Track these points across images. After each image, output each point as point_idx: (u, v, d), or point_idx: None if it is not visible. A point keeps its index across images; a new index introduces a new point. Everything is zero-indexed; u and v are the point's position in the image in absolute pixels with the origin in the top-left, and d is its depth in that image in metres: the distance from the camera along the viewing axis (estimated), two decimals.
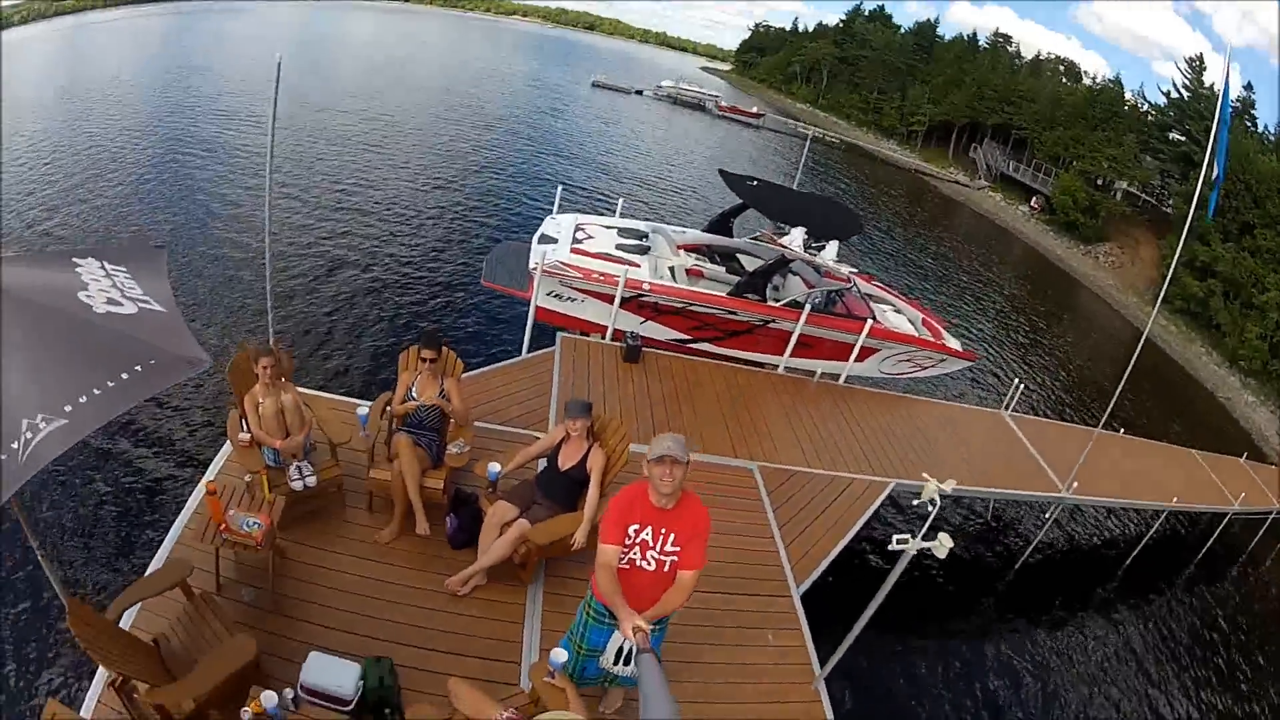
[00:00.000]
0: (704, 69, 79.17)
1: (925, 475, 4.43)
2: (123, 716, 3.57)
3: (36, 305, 2.90)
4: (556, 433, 5.48)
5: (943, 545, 4.33)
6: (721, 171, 10.67)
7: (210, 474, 5.56)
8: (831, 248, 9.68)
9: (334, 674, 4.24)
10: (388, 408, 5.87)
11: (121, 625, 4.19)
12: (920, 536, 4.48)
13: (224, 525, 4.60)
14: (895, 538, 4.45)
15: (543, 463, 5.62)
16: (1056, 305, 26.00)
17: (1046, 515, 9.35)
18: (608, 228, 9.74)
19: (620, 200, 11.07)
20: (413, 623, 4.96)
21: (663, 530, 3.60)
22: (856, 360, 9.27)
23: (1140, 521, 11.10)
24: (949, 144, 50.83)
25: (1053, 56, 52.29)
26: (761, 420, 8.25)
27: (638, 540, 3.59)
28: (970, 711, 7.35)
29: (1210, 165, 7.88)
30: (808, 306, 8.84)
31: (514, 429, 7.05)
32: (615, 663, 4.02)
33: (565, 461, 5.38)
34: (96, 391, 2.78)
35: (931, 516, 4.44)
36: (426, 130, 24.99)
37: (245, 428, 5.33)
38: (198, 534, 4.69)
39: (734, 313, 8.84)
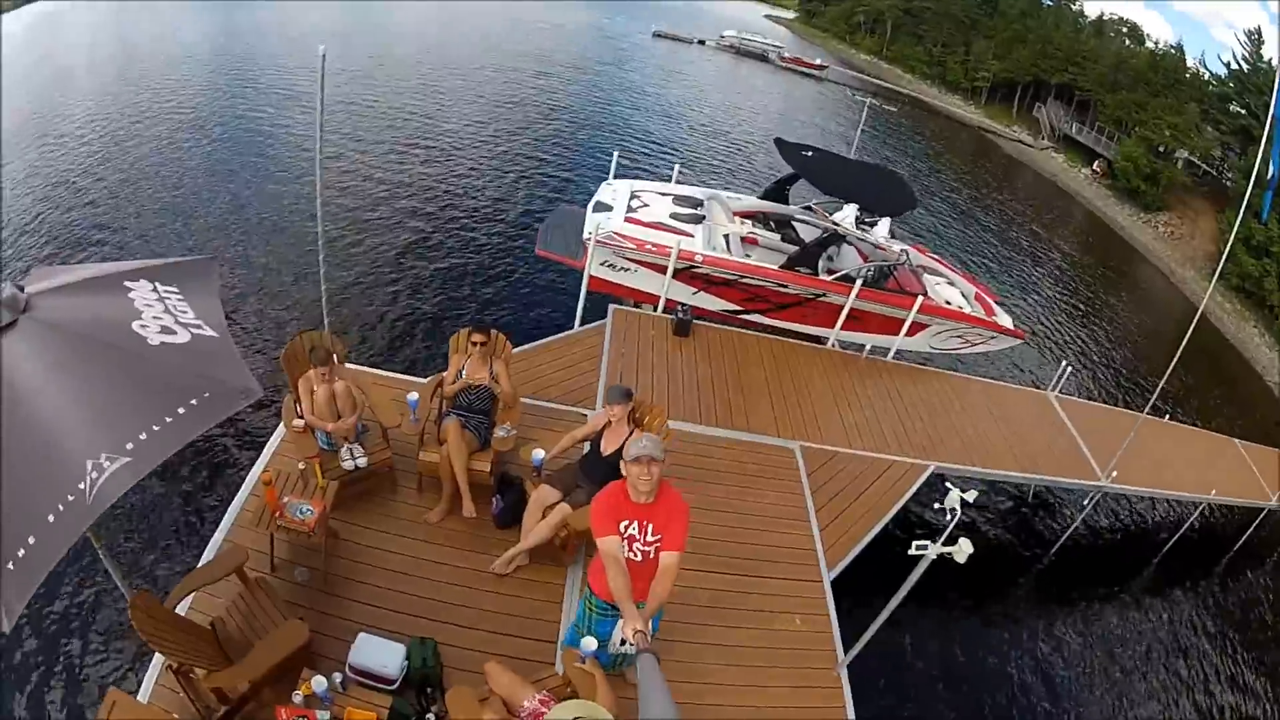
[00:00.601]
0: (768, 17, 76.85)
1: (946, 484, 4.52)
2: (181, 699, 3.99)
3: (92, 341, 3.15)
4: (599, 418, 5.72)
5: (962, 551, 4.45)
6: (778, 141, 10.51)
7: (264, 459, 5.98)
8: (884, 224, 9.66)
9: (380, 655, 4.64)
10: (438, 390, 6.18)
11: (180, 611, 4.64)
12: (940, 541, 4.60)
13: (279, 512, 4.98)
14: (915, 544, 4.57)
15: (587, 447, 5.83)
16: (1113, 275, 25.17)
17: (1085, 502, 9.38)
18: (663, 195, 9.80)
19: (676, 166, 10.97)
20: (457, 602, 5.31)
21: (648, 524, 3.88)
22: (907, 335, 9.28)
23: (1178, 511, 10.91)
24: (1013, 102, 50.22)
25: (1116, 18, 50.50)
26: (807, 398, 8.33)
27: (626, 535, 3.86)
28: (998, 698, 7.49)
29: (1265, 160, 7.42)
30: (858, 281, 8.83)
31: (562, 406, 7.29)
32: (622, 644, 4.31)
33: (607, 446, 5.59)
34: (156, 428, 3.01)
35: (952, 524, 4.54)
36: (481, 90, 24.72)
37: (299, 413, 5.71)
38: (253, 519, 5.10)
39: (785, 286, 8.90)
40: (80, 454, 2.85)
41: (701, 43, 49.17)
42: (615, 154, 10.62)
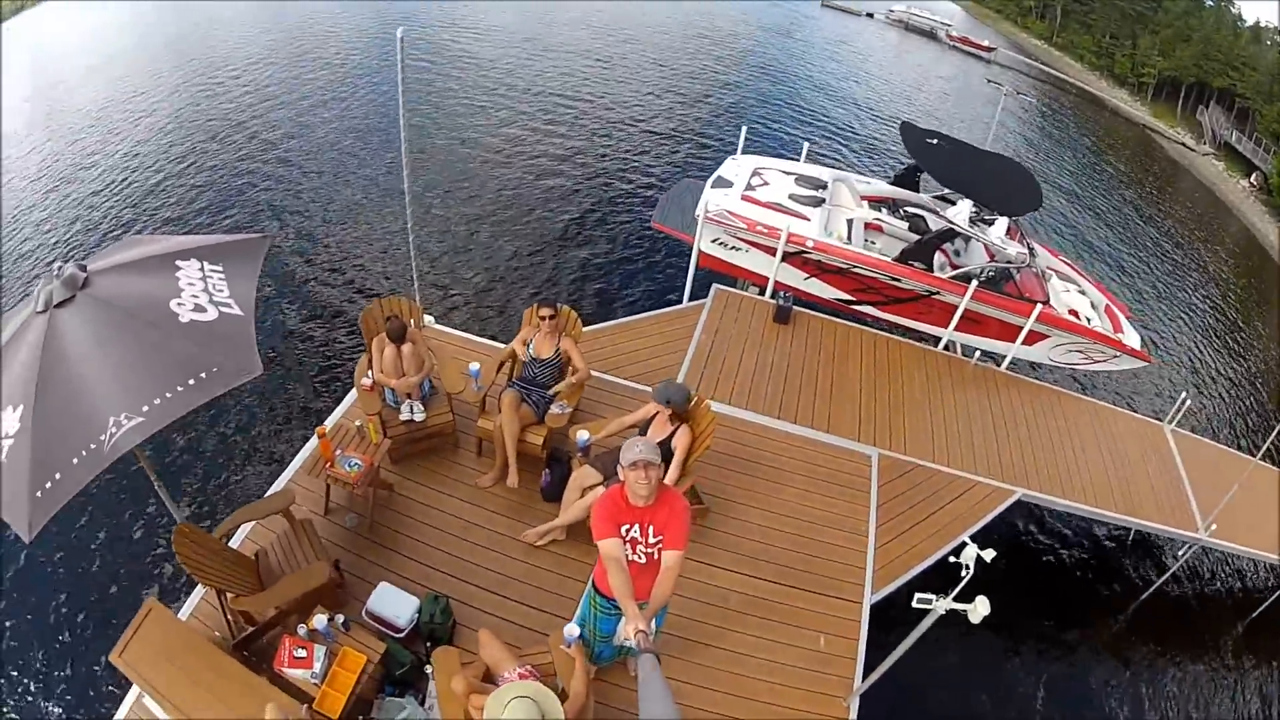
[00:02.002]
0: None
1: (965, 538, 4.60)
2: (216, 615, 5.19)
3: (132, 319, 4.22)
4: (651, 407, 6.22)
5: (977, 611, 4.54)
6: (904, 125, 10.42)
7: (339, 413, 7.15)
8: (1001, 224, 9.34)
9: (394, 604, 5.64)
10: (506, 361, 7.05)
11: (234, 541, 5.90)
12: (952, 595, 4.72)
13: (330, 463, 6.09)
14: (918, 595, 4.72)
15: (637, 433, 6.43)
16: (1261, 303, 22.07)
17: (1180, 553, 8.90)
18: (786, 174, 9.99)
19: (806, 145, 11.01)
20: (485, 565, 6.18)
21: (649, 526, 4.22)
22: (1025, 344, 9.07)
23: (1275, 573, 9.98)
24: (1177, 102, 49.06)
25: (1273, 26, 50.17)
26: (899, 401, 8.40)
27: (628, 538, 4.23)
28: None
29: None
30: (974, 283, 8.70)
31: (638, 385, 7.90)
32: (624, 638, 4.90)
33: (654, 435, 6.14)
34: (169, 395, 4.05)
35: (966, 579, 4.64)
36: (620, 53, 25.44)
37: (370, 373, 6.80)
38: (309, 469, 6.23)
39: (898, 279, 8.93)
40: (104, 412, 3.92)
41: (870, 16, 49.82)
42: (744, 129, 10.88)
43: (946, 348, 9.39)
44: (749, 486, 7.04)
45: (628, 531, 4.18)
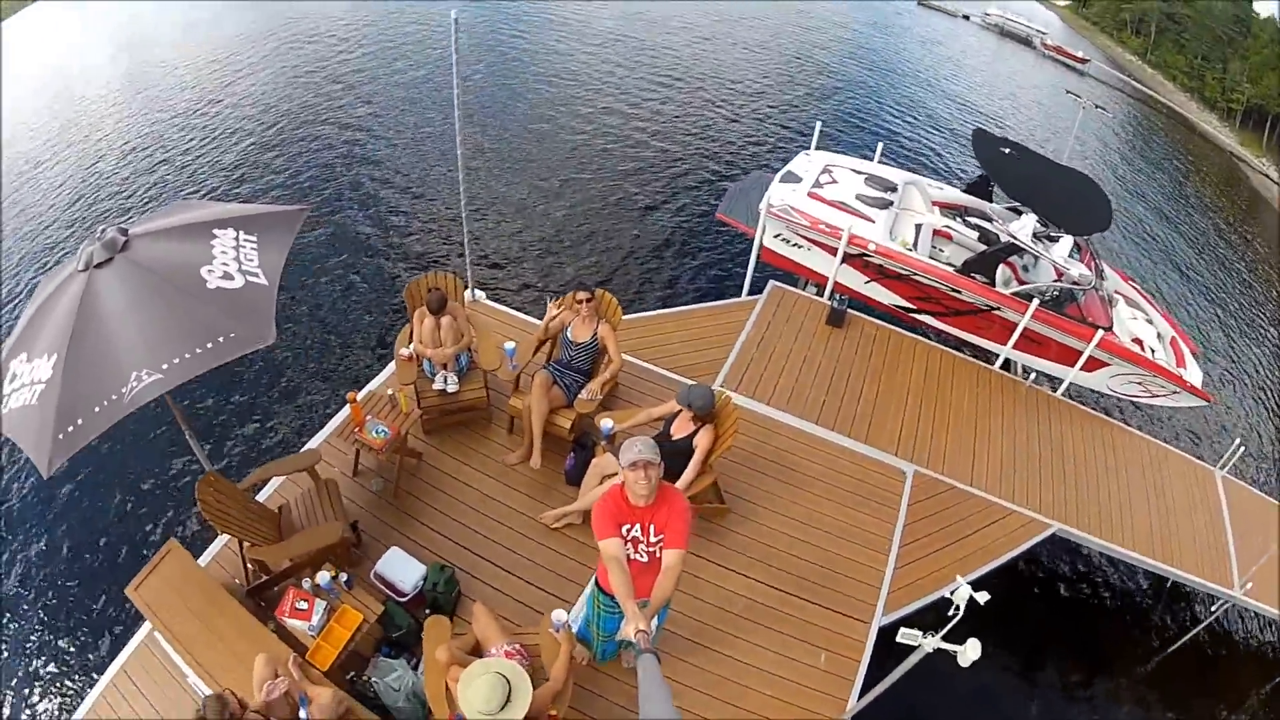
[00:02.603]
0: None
1: (957, 577, 4.64)
2: (236, 562, 5.78)
3: (164, 283, 4.74)
4: (676, 402, 6.47)
5: (966, 655, 4.59)
6: (977, 131, 10.25)
7: (373, 385, 7.63)
8: (1066, 242, 9.05)
9: (402, 569, 6.10)
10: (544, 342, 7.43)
11: (262, 495, 6.50)
12: (940, 635, 4.78)
13: (360, 427, 6.60)
14: (903, 630, 4.79)
15: (661, 426, 6.67)
16: None
17: (1213, 608, 8.54)
18: (857, 173, 10.00)
19: (880, 145, 10.90)
20: (498, 541, 6.57)
21: (650, 525, 4.39)
22: (1084, 370, 8.87)
23: None
24: (1263, 131, 49.75)
25: None
26: (945, 418, 8.34)
27: (629, 537, 4.41)
28: None
29: None
30: (1035, 301, 8.55)
31: (679, 377, 8.08)
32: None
33: (677, 431, 6.43)
34: (187, 355, 4.54)
35: (956, 619, 4.69)
36: (705, 39, 25.11)
37: (410, 344, 7.27)
38: (341, 432, 6.75)
39: (959, 291, 8.85)
40: (128, 366, 4.44)
41: (966, 18, 49.19)
42: (818, 124, 10.87)
43: (1004, 366, 9.27)
44: (774, 490, 7.18)
45: (629, 531, 4.34)
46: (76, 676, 7.52)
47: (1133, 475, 8.56)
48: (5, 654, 7.77)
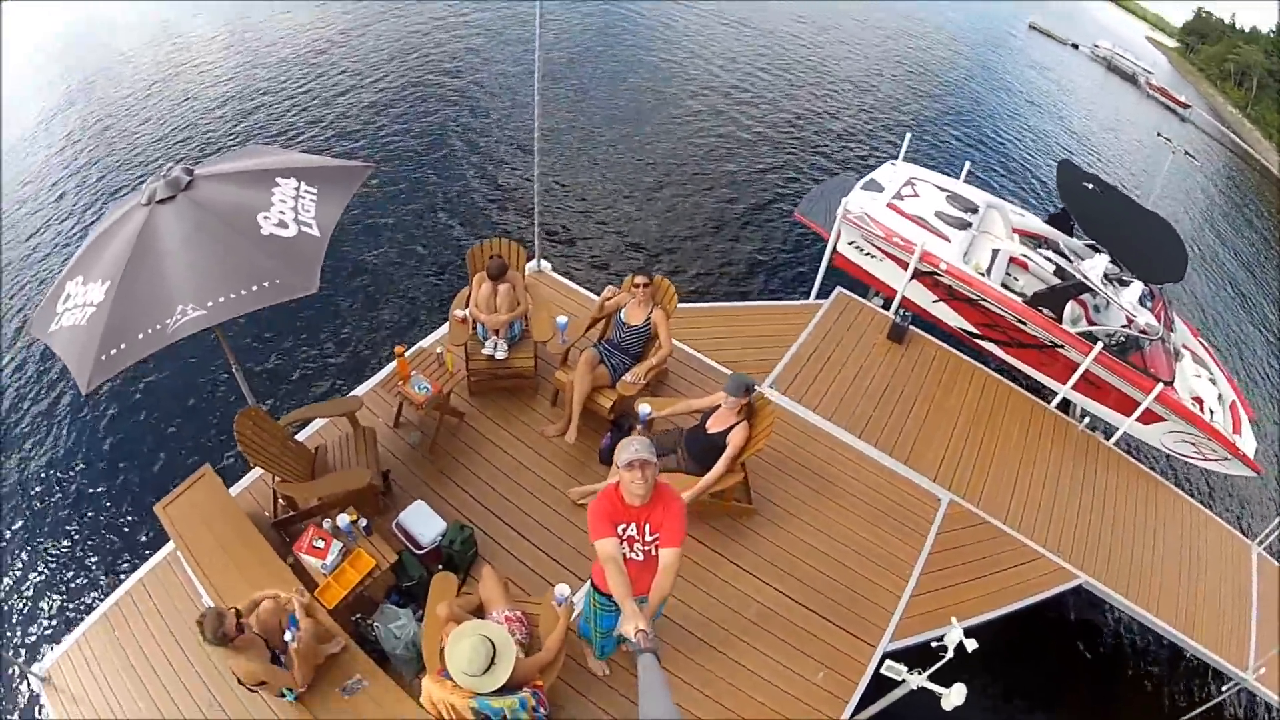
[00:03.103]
0: (1149, 39, 68.02)
1: (953, 619, 4.46)
2: (267, 495, 5.99)
3: (220, 224, 4.88)
4: (716, 396, 6.36)
5: (950, 699, 4.43)
6: (1062, 163, 9.64)
7: (426, 342, 7.73)
8: (1136, 288, 8.51)
9: (423, 523, 6.21)
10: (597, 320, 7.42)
11: (303, 435, 6.70)
12: (927, 674, 4.62)
13: (404, 381, 6.73)
14: (888, 663, 4.65)
15: (699, 417, 6.61)
16: None
17: (1224, 689, 7.89)
18: (940, 189, 9.63)
19: (967, 164, 10.41)
20: (524, 509, 6.62)
21: (646, 524, 4.36)
22: (1140, 421, 8.35)
23: None
24: None
25: None
26: (991, 450, 8.00)
27: (625, 536, 4.37)
28: None
29: None
30: (1099, 345, 8.10)
31: (727, 372, 7.85)
32: (620, 641, 5.11)
33: (714, 425, 6.34)
34: (232, 295, 4.68)
35: (945, 659, 4.53)
36: (807, 40, 23.98)
37: (466, 307, 7.36)
38: (386, 384, 6.90)
39: (1024, 323, 8.47)
40: (175, 300, 4.60)
41: (1075, 46, 46.95)
42: (908, 135, 10.51)
43: (1062, 406, 8.81)
44: (805, 499, 7.03)
45: (624, 530, 4.31)
46: (101, 582, 7.86)
47: (1169, 537, 8.09)
48: (33, 554, 8.19)
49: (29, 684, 6.52)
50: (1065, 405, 8.83)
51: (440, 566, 6.08)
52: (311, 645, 4.92)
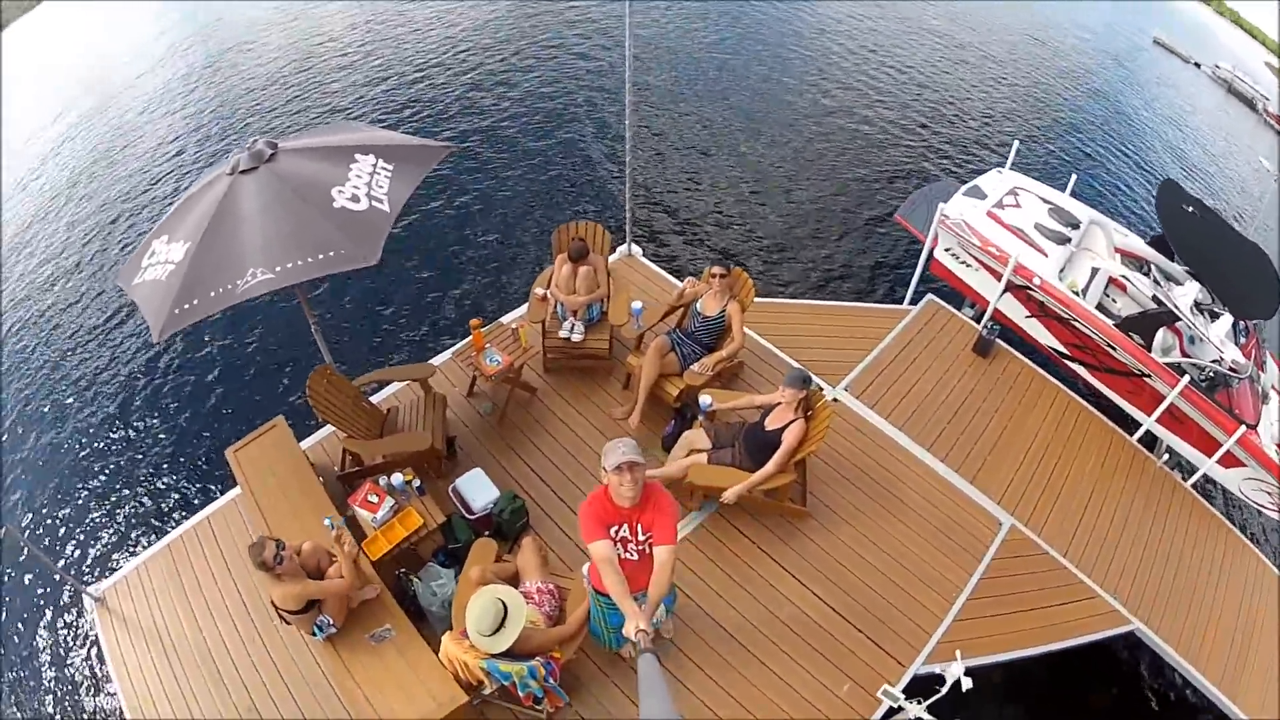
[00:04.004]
0: (1268, 64, 56.77)
1: (957, 653, 4.15)
2: (337, 450, 6.26)
3: (296, 196, 5.07)
4: (777, 394, 6.15)
5: None
6: (1165, 182, 8.63)
7: (508, 318, 7.76)
8: (1225, 321, 7.56)
9: (477, 490, 6.32)
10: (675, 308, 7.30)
11: (378, 397, 6.93)
12: (925, 705, 4.34)
13: (479, 352, 6.87)
14: (884, 688, 4.37)
15: (760, 414, 6.41)
16: None
17: None
18: (1043, 201, 8.86)
19: (1074, 176, 9.43)
20: (579, 485, 6.61)
21: (638, 524, 4.29)
22: (1220, 464, 7.44)
23: None
24: None
25: None
26: (1062, 477, 7.35)
27: (619, 538, 4.31)
28: None
29: None
30: (1185, 378, 7.27)
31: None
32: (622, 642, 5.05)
33: (772, 422, 6.16)
34: (299, 262, 4.86)
35: (945, 689, 4.24)
36: (924, 40, 21.86)
37: (548, 285, 7.41)
38: (460, 354, 7.03)
39: (1114, 348, 7.70)
40: (247, 262, 4.83)
41: (1197, 66, 41.15)
42: (1016, 143, 9.69)
43: (1145, 439, 7.95)
44: (862, 506, 6.69)
45: (617, 532, 4.25)
46: (170, 517, 8.36)
47: (1230, 591, 7.19)
48: (108, 484, 8.76)
49: (83, 603, 7.02)
50: (1148, 438, 8.02)
51: (488, 533, 6.22)
52: (351, 583, 5.12)
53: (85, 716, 7.03)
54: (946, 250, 8.74)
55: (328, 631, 5.12)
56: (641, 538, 4.28)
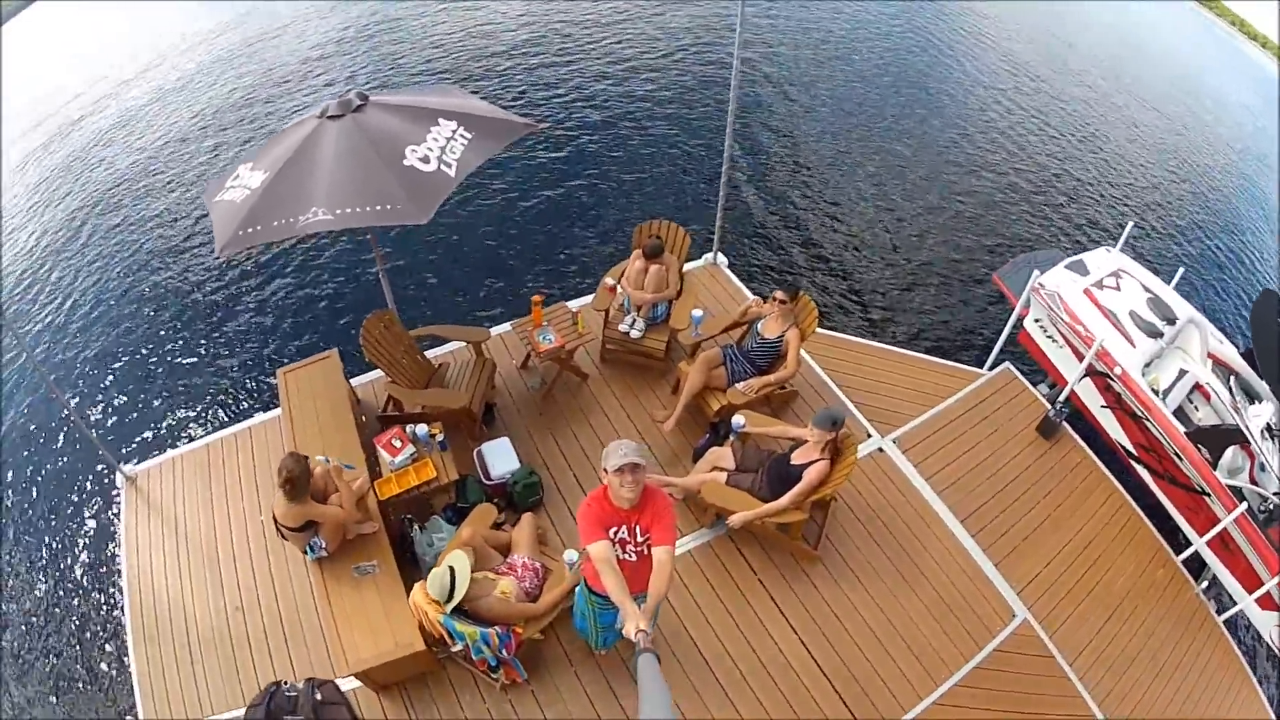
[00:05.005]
0: None
1: None
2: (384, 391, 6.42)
3: (371, 147, 5.18)
4: (810, 430, 5.82)
5: None
6: (1265, 292, 7.62)
7: (575, 303, 7.57)
8: None
9: (498, 458, 6.29)
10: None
11: (434, 354, 7.02)
12: None
13: (534, 328, 6.88)
14: None
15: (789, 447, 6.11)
16: None
17: None
18: (1144, 289, 7.97)
19: (1181, 269, 8.34)
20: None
21: (636, 526, 4.14)
22: (1259, 604, 6.43)
23: None
24: None
25: None
26: (1092, 584, 6.58)
27: (617, 539, 4.16)
28: None
29: None
30: (1242, 505, 6.31)
31: (856, 413, 7.32)
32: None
33: (797, 457, 5.85)
34: (356, 210, 4.96)
35: None
36: (1077, 87, 19.96)
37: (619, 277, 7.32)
38: (517, 327, 7.01)
39: (1181, 457, 6.83)
40: (311, 201, 4.97)
41: None
42: (1130, 224, 8.74)
43: (1189, 561, 6.99)
44: (875, 564, 6.23)
45: (615, 534, 4.12)
46: (214, 419, 8.70)
47: None
48: (167, 378, 9.19)
49: (115, 479, 7.23)
50: (1195, 562, 7.06)
51: (498, 501, 6.22)
52: (348, 515, 5.25)
53: (82, 573, 7.53)
54: (1036, 321, 8.03)
55: (319, 554, 5.24)
56: (640, 539, 4.14)
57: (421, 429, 5.90)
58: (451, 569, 4.69)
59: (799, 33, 19.06)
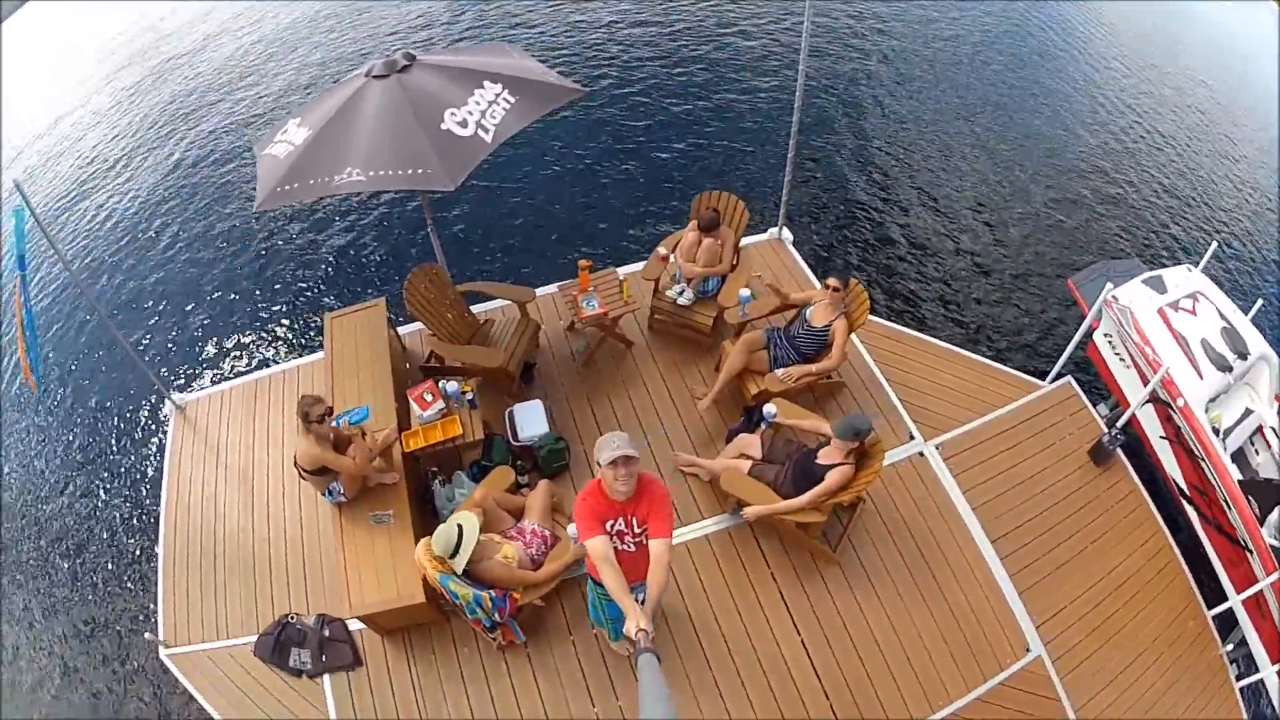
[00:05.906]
0: None
1: None
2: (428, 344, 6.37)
3: (408, 106, 4.91)
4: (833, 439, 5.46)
5: None
6: None
7: (623, 271, 7.25)
8: None
9: (529, 420, 6.21)
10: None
11: (480, 309, 6.89)
12: None
13: (580, 293, 6.66)
14: None
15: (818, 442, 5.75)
16: None
17: None
18: (1221, 318, 7.00)
19: (1260, 300, 7.10)
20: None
21: (633, 517, 3.98)
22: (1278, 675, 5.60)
23: None
24: None
25: None
26: (1118, 627, 5.97)
27: (614, 531, 3.99)
28: None
29: None
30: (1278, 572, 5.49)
31: (903, 412, 6.85)
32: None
33: (824, 456, 5.49)
34: (388, 172, 4.81)
35: None
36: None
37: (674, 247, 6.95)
38: (563, 290, 6.80)
39: (1230, 506, 6.04)
40: (348, 161, 4.82)
41: None
42: (1214, 244, 7.60)
43: (1221, 617, 6.18)
44: (894, 574, 5.85)
45: (612, 526, 3.97)
46: (265, 357, 8.92)
47: None
48: (223, 317, 9.47)
49: (165, 407, 7.54)
50: (1228, 619, 6.23)
51: (523, 464, 6.13)
52: (360, 468, 5.25)
53: (123, 489, 7.94)
54: (1105, 336, 7.22)
55: (337, 498, 5.29)
56: (637, 530, 3.99)
57: (453, 385, 5.81)
58: (460, 527, 4.66)
59: (918, 23, 17.32)
